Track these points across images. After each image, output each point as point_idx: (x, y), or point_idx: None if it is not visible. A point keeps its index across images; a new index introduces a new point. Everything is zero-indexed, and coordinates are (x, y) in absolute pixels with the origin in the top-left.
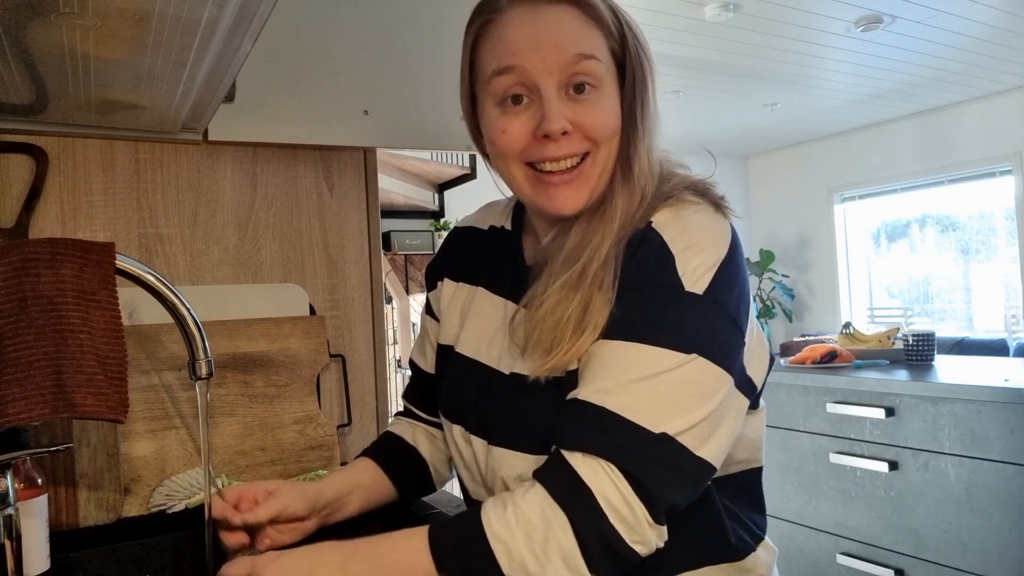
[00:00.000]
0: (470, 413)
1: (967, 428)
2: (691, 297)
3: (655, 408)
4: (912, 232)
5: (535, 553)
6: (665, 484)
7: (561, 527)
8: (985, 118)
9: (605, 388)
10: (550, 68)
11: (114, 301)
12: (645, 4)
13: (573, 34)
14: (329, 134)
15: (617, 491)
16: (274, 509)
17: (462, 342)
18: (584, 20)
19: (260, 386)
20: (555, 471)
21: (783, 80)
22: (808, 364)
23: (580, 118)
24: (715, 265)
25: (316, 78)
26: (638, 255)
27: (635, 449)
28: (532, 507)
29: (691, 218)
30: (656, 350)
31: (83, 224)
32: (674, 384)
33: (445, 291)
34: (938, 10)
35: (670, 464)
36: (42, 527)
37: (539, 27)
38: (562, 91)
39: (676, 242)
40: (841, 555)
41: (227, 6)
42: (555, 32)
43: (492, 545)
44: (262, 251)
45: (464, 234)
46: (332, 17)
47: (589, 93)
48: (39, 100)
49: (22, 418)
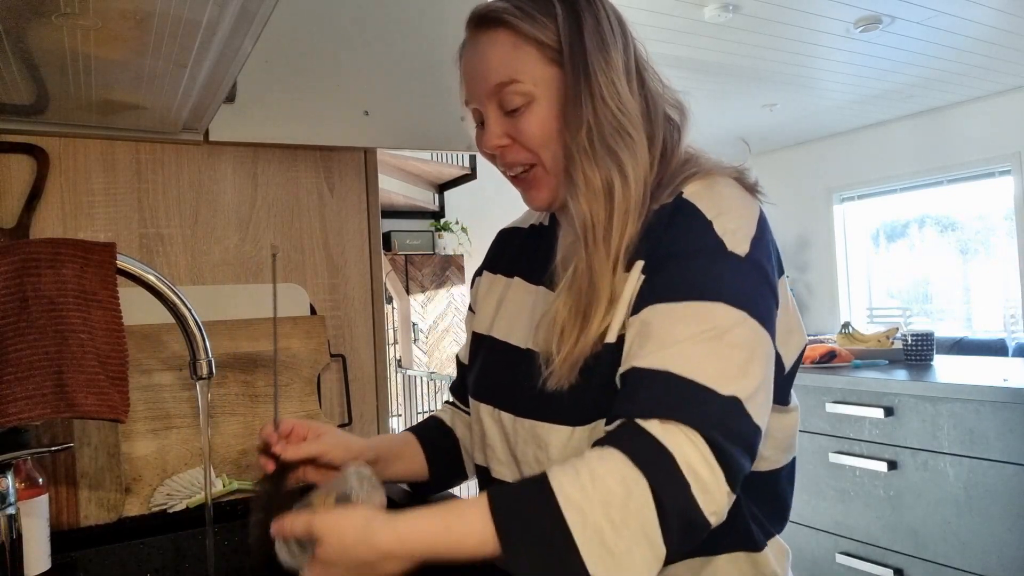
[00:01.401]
0: (501, 391)
1: (966, 428)
2: (736, 257)
3: (720, 369)
4: (911, 232)
5: (612, 521)
6: (740, 450)
7: (643, 495)
8: (984, 118)
9: (664, 351)
10: (481, 98)
11: (115, 301)
12: (645, 4)
13: (495, 63)
14: (329, 134)
15: (701, 457)
16: (312, 451)
17: (496, 327)
18: (512, 42)
19: (261, 386)
20: (632, 438)
21: (783, 80)
22: (807, 364)
23: (514, 132)
24: (751, 232)
25: (316, 78)
26: (674, 224)
27: (712, 413)
28: (611, 473)
29: (723, 190)
30: (710, 305)
31: (84, 224)
32: (733, 346)
33: (483, 283)
34: (937, 10)
35: (741, 430)
36: (43, 527)
37: (473, 60)
38: (499, 111)
39: (710, 209)
40: (840, 555)
41: (228, 7)
42: (481, 65)
43: (564, 511)
44: (263, 251)
45: (506, 234)
46: (332, 17)
47: (521, 109)
48: (40, 100)
49: (23, 418)
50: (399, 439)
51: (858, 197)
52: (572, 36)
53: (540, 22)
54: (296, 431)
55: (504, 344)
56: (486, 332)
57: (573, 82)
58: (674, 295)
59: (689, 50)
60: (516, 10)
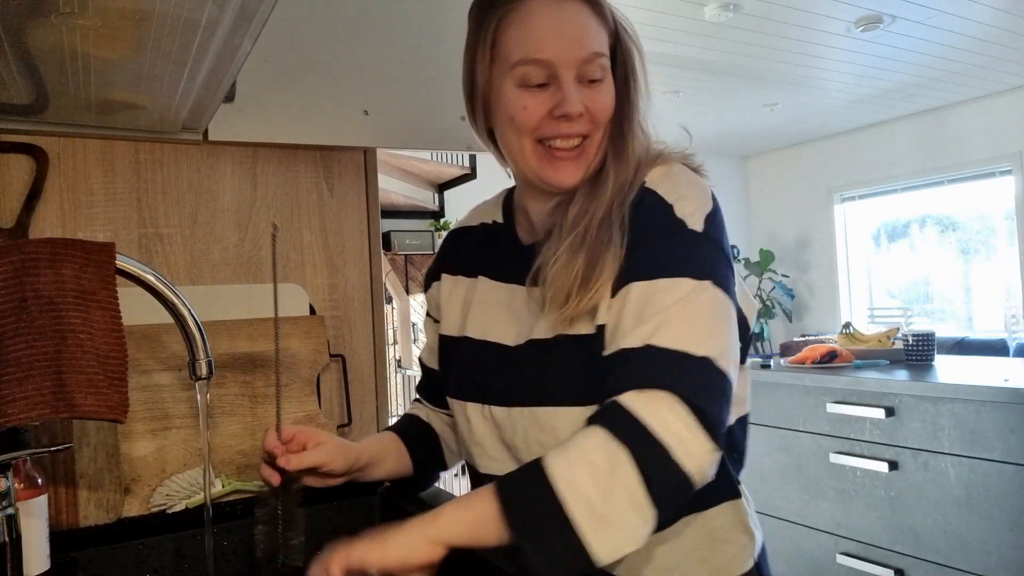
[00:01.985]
0: (487, 387)
1: (967, 428)
2: (695, 234)
3: (691, 333)
4: (912, 232)
5: (600, 489)
6: (718, 406)
7: (624, 463)
8: (985, 118)
9: (641, 327)
10: (571, 62)
11: (114, 301)
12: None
13: (589, 32)
14: (329, 134)
15: (679, 419)
16: (315, 461)
17: (470, 328)
18: (594, 17)
19: (260, 386)
20: (611, 412)
21: (783, 80)
22: (808, 364)
23: (590, 103)
24: (706, 212)
25: (316, 78)
26: (641, 212)
27: (685, 373)
28: (594, 448)
29: (679, 176)
30: (675, 280)
31: (83, 224)
32: (702, 311)
33: (444, 286)
34: (938, 10)
35: (716, 385)
36: (42, 527)
37: (562, 23)
38: (575, 80)
39: (670, 194)
40: (841, 555)
41: (227, 6)
42: (575, 29)
43: (554, 484)
44: (262, 251)
45: (456, 234)
46: (332, 17)
47: (597, 82)
48: (39, 100)
49: (22, 418)
50: (385, 439)
51: (859, 197)
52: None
53: (604, 8)
54: (297, 439)
55: (483, 342)
56: (459, 334)
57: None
58: (646, 274)
59: (689, 50)
60: None
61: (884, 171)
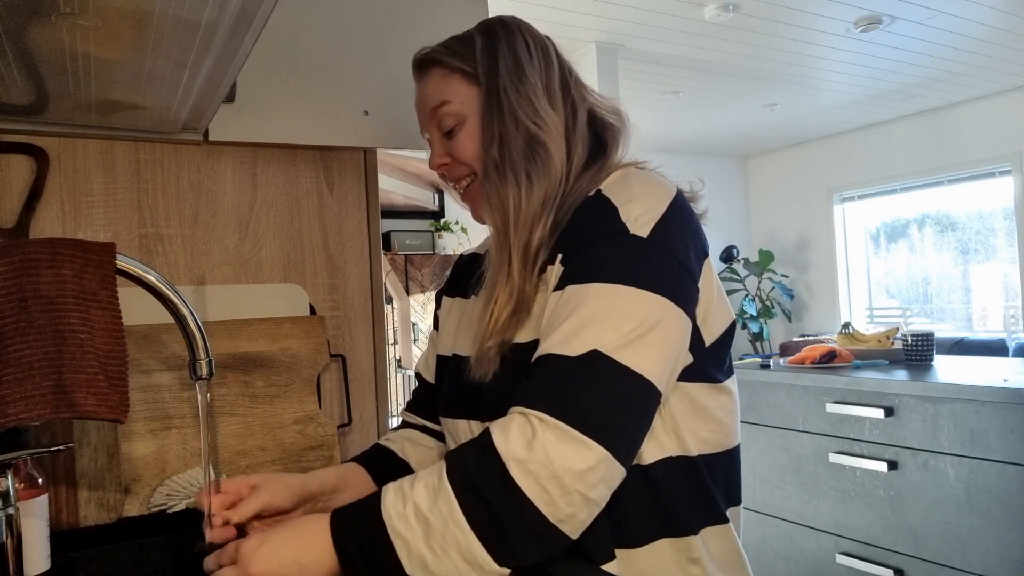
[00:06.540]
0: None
1: (966, 428)
2: (636, 239)
3: (579, 333)
4: (911, 232)
5: (433, 550)
6: (606, 409)
7: (453, 515)
8: (985, 118)
9: (546, 340)
10: (424, 123)
11: (115, 301)
12: (645, 4)
13: (430, 92)
14: (329, 134)
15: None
16: (258, 505)
17: (457, 345)
18: (442, 74)
19: (260, 386)
20: (470, 443)
21: (783, 80)
22: (807, 364)
23: (452, 151)
24: (658, 216)
25: (316, 78)
26: (585, 215)
27: (561, 381)
28: (421, 496)
29: (634, 179)
30: (582, 287)
31: (83, 224)
32: (625, 316)
33: (444, 306)
34: (938, 10)
35: (603, 386)
36: (42, 527)
37: (417, 96)
38: (439, 133)
39: (619, 197)
40: (841, 555)
41: (227, 7)
42: (423, 91)
43: (393, 540)
44: (262, 251)
45: (466, 259)
46: (332, 17)
47: (455, 130)
48: (39, 100)
49: (22, 418)
50: (343, 469)
51: (858, 197)
52: (487, 59)
53: (462, 54)
54: (229, 491)
55: (464, 359)
56: (449, 352)
57: (486, 99)
58: (581, 278)
59: (689, 50)
60: (444, 48)
61: (884, 171)
